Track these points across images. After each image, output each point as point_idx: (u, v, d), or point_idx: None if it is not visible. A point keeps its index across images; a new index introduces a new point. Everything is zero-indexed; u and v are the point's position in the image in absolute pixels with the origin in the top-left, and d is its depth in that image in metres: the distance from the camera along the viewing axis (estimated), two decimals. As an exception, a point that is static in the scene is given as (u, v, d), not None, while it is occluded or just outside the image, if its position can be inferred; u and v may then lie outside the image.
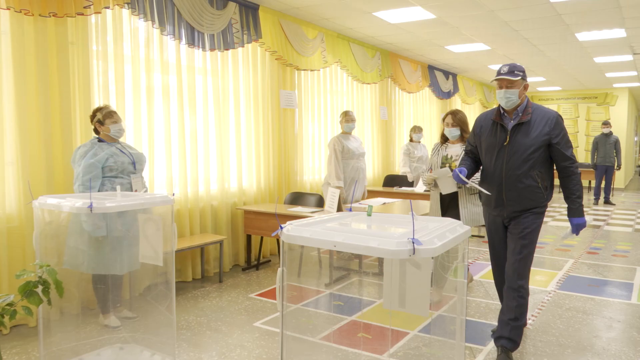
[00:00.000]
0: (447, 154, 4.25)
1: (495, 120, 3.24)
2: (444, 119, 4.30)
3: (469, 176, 3.40)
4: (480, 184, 3.41)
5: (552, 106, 15.38)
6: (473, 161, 3.50)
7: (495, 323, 3.75)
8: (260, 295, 4.72)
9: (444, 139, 4.36)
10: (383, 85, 8.81)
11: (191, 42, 5.03)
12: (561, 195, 13.38)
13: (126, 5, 4.38)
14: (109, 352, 3.23)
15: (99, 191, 3.55)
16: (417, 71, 9.80)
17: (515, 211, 3.21)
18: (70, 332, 3.43)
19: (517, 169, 3.12)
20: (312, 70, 6.84)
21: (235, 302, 4.50)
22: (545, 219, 9.15)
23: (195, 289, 4.90)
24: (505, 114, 3.22)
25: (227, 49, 5.42)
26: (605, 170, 11.30)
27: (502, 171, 3.18)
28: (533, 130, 3.10)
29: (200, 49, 5.15)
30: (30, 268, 3.39)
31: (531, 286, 4.91)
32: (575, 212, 3.22)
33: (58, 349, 3.13)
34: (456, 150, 4.24)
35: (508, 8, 6.04)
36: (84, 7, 4.03)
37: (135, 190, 3.77)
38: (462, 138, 4.28)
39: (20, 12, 3.72)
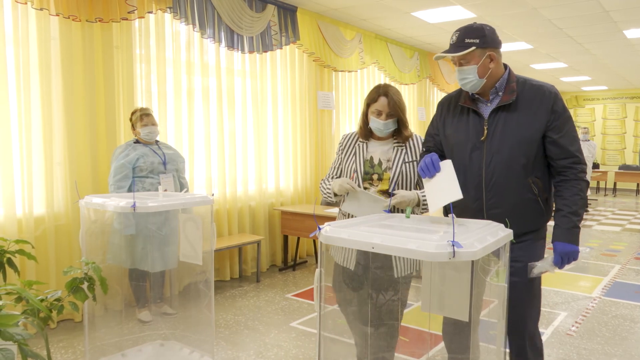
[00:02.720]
0: (370, 157, 2.58)
1: (464, 105, 2.23)
2: (370, 103, 2.55)
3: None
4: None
5: (598, 106, 14.86)
6: None
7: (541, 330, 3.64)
8: (296, 295, 4.74)
9: (367, 133, 2.62)
10: (421, 86, 8.72)
11: (230, 45, 5.10)
12: (607, 197, 12.70)
13: (168, 9, 4.49)
14: (150, 348, 3.31)
15: (128, 191, 3.67)
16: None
17: None
18: (113, 327, 3.53)
19: (503, 176, 2.13)
20: (349, 72, 6.83)
21: (272, 302, 4.54)
22: (589, 223, 8.86)
23: (233, 288, 4.96)
24: (478, 96, 2.21)
25: (265, 51, 5.48)
26: (654, 173, 10.86)
27: (481, 180, 2.17)
28: (522, 114, 2.11)
29: (239, 52, 5.22)
30: (77, 265, 3.51)
31: (574, 292, 4.76)
32: (563, 234, 2.09)
33: (102, 344, 3.23)
34: (386, 152, 2.57)
35: (551, 5, 5.87)
36: (129, 12, 4.15)
37: (165, 190, 3.85)
38: (395, 132, 2.59)
39: (69, 18, 3.86)
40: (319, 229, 1.70)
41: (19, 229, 3.74)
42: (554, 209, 2.24)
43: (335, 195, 2.54)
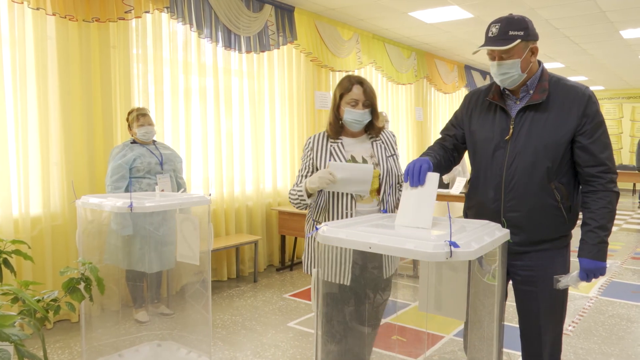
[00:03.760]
0: (351, 157, 2.41)
1: (492, 100, 2.13)
2: (343, 93, 2.42)
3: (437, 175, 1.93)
4: (469, 198, 2.26)
5: (595, 106, 14.88)
6: (446, 152, 2.28)
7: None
8: (294, 295, 4.74)
9: (338, 129, 2.44)
10: (418, 86, 8.73)
11: (228, 45, 5.10)
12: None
13: (165, 9, 4.48)
14: (147, 349, 3.30)
15: (125, 191, 3.66)
16: (454, 71, 9.66)
17: (519, 244, 2.05)
18: (110, 327, 3.53)
19: (525, 178, 2.01)
20: (347, 71, 6.83)
21: (270, 302, 4.53)
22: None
23: (231, 289, 4.96)
24: (508, 92, 2.11)
25: (262, 51, 5.48)
26: (651, 173, 10.91)
27: (501, 181, 2.06)
28: (551, 115, 2.00)
29: (237, 52, 5.22)
30: (73, 265, 3.51)
31: (571, 291, 4.76)
32: (589, 250, 1.98)
33: (99, 344, 3.22)
34: (366, 149, 2.44)
35: (549, 6, 5.89)
36: (125, 12, 4.14)
37: (162, 190, 3.84)
38: (369, 128, 2.46)
39: (65, 17, 3.85)
40: (316, 229, 1.70)
41: (15, 229, 3.73)
42: (579, 218, 2.12)
43: (310, 196, 2.34)
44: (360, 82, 2.43)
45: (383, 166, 2.40)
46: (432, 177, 1.86)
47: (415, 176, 1.87)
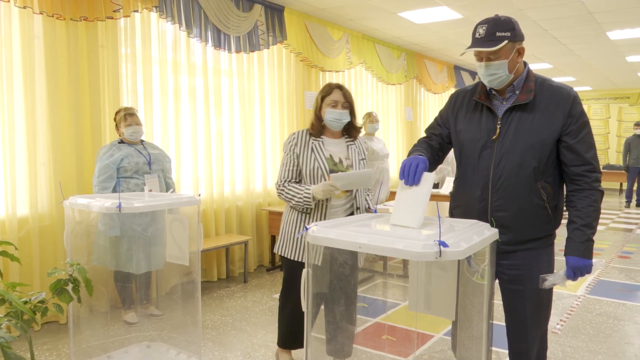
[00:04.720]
0: (329, 155, 2.73)
1: (479, 100, 2.14)
2: (324, 96, 2.72)
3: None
4: (454, 198, 2.29)
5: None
6: (433, 151, 2.28)
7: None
8: (284, 295, 4.73)
9: (319, 129, 2.75)
10: (408, 86, 8.76)
11: (217, 45, 5.08)
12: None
13: (154, 8, 4.46)
14: (136, 350, 3.28)
15: (113, 191, 3.63)
16: (443, 72, 9.71)
17: (506, 243, 2.05)
18: (99, 329, 3.50)
19: (512, 178, 2.03)
20: (337, 72, 6.84)
21: (260, 302, 4.53)
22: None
23: (221, 289, 4.94)
24: (495, 92, 2.13)
25: (252, 51, 5.46)
26: (638, 172, 11.05)
27: (488, 181, 2.07)
28: (538, 116, 2.02)
29: (226, 51, 5.20)
30: (61, 266, 3.47)
31: (559, 290, 4.81)
32: (576, 248, 2.01)
33: (87, 346, 3.19)
34: (341, 150, 2.76)
35: (537, 7, 5.93)
36: (114, 11, 4.11)
37: (150, 190, 3.82)
38: (348, 129, 2.79)
39: (53, 16, 3.82)
40: (306, 229, 1.70)
41: (1, 230, 3.69)
42: (564, 216, 2.13)
43: (314, 199, 2.63)
44: (339, 86, 2.75)
45: (356, 168, 2.73)
46: (428, 177, 1.86)
47: (411, 175, 1.86)
